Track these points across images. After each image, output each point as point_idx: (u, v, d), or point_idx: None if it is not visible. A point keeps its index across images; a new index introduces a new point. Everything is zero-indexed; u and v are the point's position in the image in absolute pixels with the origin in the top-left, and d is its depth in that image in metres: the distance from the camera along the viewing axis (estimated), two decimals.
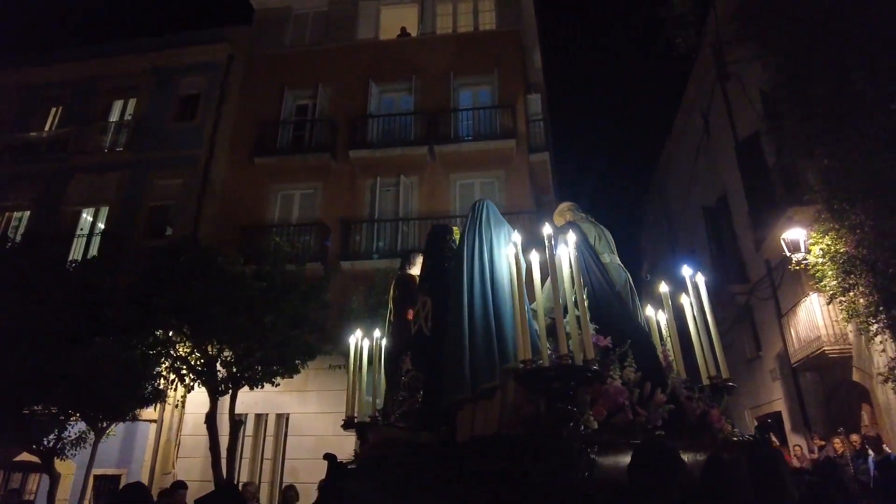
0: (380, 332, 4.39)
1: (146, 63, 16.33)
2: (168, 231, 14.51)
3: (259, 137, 15.08)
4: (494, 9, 16.49)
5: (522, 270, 2.80)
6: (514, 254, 2.84)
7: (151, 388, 10.27)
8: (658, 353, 3.50)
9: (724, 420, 3.22)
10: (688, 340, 3.61)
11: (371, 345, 4.40)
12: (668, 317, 3.80)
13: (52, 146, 15.79)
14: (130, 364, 9.54)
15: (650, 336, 3.80)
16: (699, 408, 3.16)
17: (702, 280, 3.54)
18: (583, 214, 4.17)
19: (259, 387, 10.01)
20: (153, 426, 12.29)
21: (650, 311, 4.14)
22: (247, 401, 10.89)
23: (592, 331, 2.92)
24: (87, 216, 15.27)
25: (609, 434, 2.61)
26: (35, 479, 12.15)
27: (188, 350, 9.81)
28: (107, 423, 10.39)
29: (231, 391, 9.89)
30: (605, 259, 3.86)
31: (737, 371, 11.09)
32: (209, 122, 15.44)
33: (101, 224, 14.94)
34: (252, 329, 9.40)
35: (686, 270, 3.61)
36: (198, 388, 9.96)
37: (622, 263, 4.04)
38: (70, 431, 10.24)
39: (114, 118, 16.48)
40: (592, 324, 2.95)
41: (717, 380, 3.39)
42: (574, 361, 2.48)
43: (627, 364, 3.05)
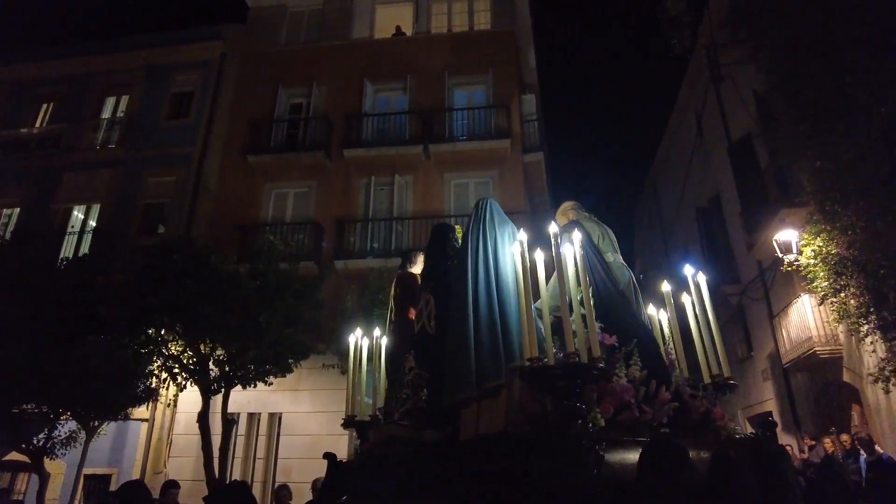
0: (379, 331, 4.38)
1: (140, 60, 16.21)
2: (161, 229, 14.42)
3: (253, 135, 15.01)
4: (489, 9, 16.52)
5: (528, 268, 2.80)
6: (521, 252, 2.84)
7: (143, 387, 10.23)
8: (661, 352, 3.51)
9: (727, 418, 3.25)
10: (687, 339, 3.63)
11: (371, 343, 4.38)
12: (671, 315, 3.81)
13: (44, 142, 15.66)
14: (122, 363, 9.48)
15: (654, 334, 3.81)
16: (702, 406, 3.18)
17: (703, 279, 3.56)
18: (586, 213, 4.17)
19: (252, 386, 9.98)
20: (145, 425, 12.21)
21: (651, 310, 4.15)
22: (239, 400, 10.84)
23: (598, 329, 2.93)
24: (79, 213, 15.14)
25: (616, 432, 2.62)
26: (24, 479, 12.06)
27: (181, 349, 9.76)
28: (98, 422, 10.33)
29: (224, 390, 9.84)
30: (609, 258, 3.87)
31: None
32: (203, 120, 15.34)
33: (93, 221, 14.83)
34: (245, 328, 9.36)
35: (688, 269, 3.62)
36: (190, 387, 9.92)
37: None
38: (60, 430, 10.17)
39: (106, 115, 16.35)
40: (597, 322, 2.95)
41: (719, 378, 3.41)
42: (580, 360, 2.49)
43: (633, 362, 3.07)
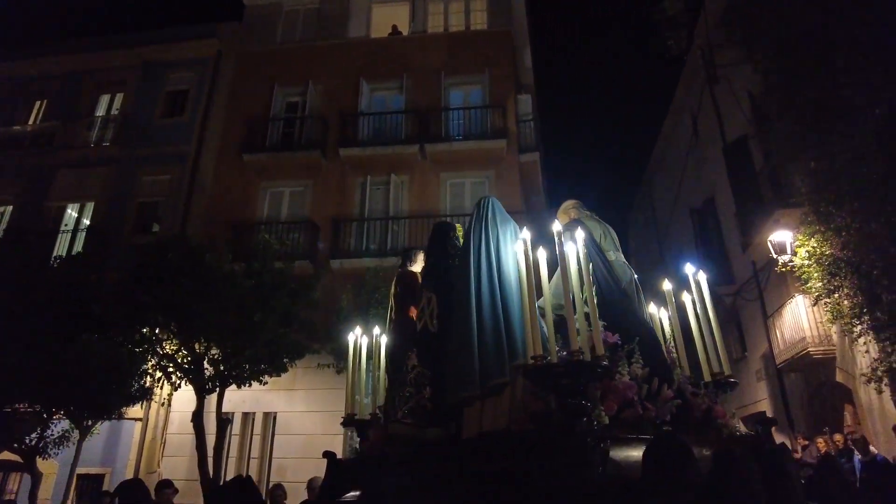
0: (378, 329, 4.38)
1: (134, 58, 16.13)
2: (155, 228, 14.35)
3: (248, 134, 14.96)
4: (485, 8, 16.51)
5: (532, 266, 2.81)
6: (524, 250, 2.84)
7: (138, 386, 10.17)
8: (663, 350, 3.53)
9: (728, 416, 3.26)
10: (686, 337, 3.65)
11: (370, 342, 4.38)
12: (672, 314, 3.82)
13: (37, 140, 15.57)
14: (117, 361, 9.43)
15: (656, 333, 3.83)
16: (704, 403, 3.20)
17: (703, 277, 3.57)
18: (587, 212, 4.17)
19: (247, 385, 9.95)
20: (138, 424, 12.16)
21: (652, 309, 4.17)
22: (234, 399, 10.80)
23: (601, 327, 2.94)
24: (73, 212, 15.05)
25: (620, 429, 2.63)
26: (16, 479, 11.97)
27: (175, 348, 9.72)
28: (92, 422, 10.26)
29: (218, 389, 9.80)
30: (611, 257, 3.88)
31: None
32: (198, 119, 15.29)
33: (87, 220, 14.75)
34: (241, 327, 9.32)
35: (689, 268, 3.64)
36: (184, 387, 9.87)
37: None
38: (53, 430, 10.10)
39: (100, 113, 16.27)
40: (600, 321, 2.96)
41: (720, 376, 3.43)
42: (584, 357, 2.49)
43: (634, 360, 3.08)
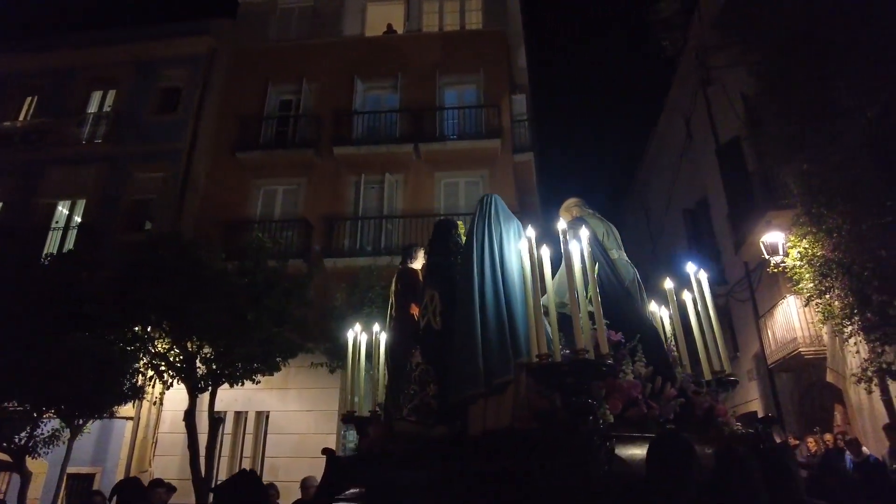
0: (378, 327, 4.38)
1: (127, 54, 15.99)
2: (148, 226, 14.26)
3: (242, 132, 14.90)
4: (480, 8, 16.52)
5: (536, 264, 2.81)
6: (529, 248, 2.84)
7: (129, 385, 10.09)
8: (665, 349, 3.55)
9: (730, 414, 3.28)
10: (685, 335, 3.67)
11: (369, 339, 4.38)
12: (674, 313, 3.83)
13: (28, 136, 15.40)
14: (108, 360, 9.36)
15: (658, 331, 3.84)
16: (706, 402, 3.21)
17: (704, 276, 3.58)
18: (590, 210, 4.16)
19: (239, 384, 9.90)
20: (129, 423, 12.07)
21: (653, 307, 4.18)
22: (226, 398, 10.75)
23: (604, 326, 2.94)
24: (63, 209, 14.92)
25: (624, 427, 2.64)
26: (5, 478, 11.85)
27: (167, 346, 9.66)
28: (83, 421, 10.18)
29: (211, 388, 9.76)
30: (614, 255, 3.87)
31: None
32: (191, 116, 15.18)
33: (78, 217, 14.62)
34: (233, 326, 9.27)
35: (690, 267, 3.65)
36: (176, 385, 9.82)
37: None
38: (43, 429, 10.01)
39: (92, 109, 16.12)
40: (604, 319, 2.97)
41: (721, 374, 3.44)
42: (588, 356, 2.50)
43: (638, 359, 3.09)
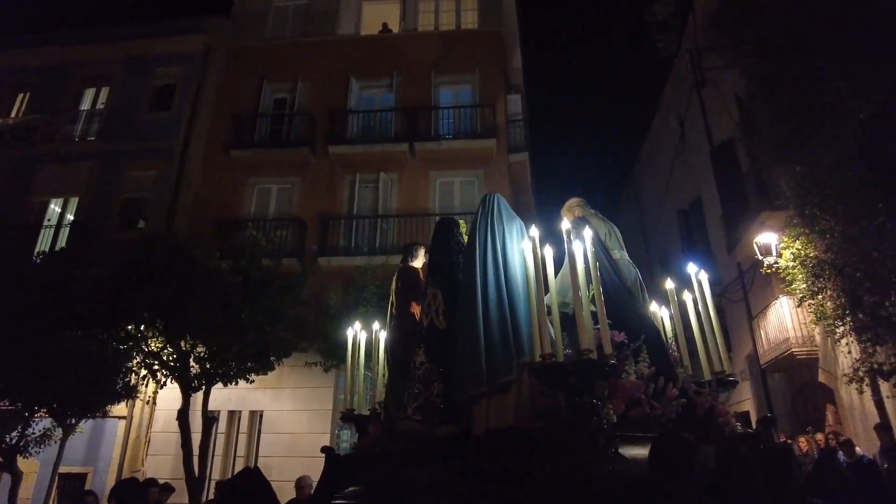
0: (378, 325, 4.39)
1: (121, 51, 15.89)
2: (141, 224, 14.19)
3: (236, 130, 14.83)
4: (476, 8, 16.51)
5: (540, 264, 2.81)
6: (532, 248, 2.85)
7: (122, 384, 10.04)
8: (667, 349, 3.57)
9: (730, 414, 3.29)
10: (687, 336, 3.68)
11: (369, 337, 4.39)
12: (675, 313, 3.86)
13: (19, 133, 15.28)
14: (101, 359, 9.30)
15: (660, 332, 3.85)
16: (707, 402, 3.23)
17: (705, 277, 3.60)
18: (592, 210, 4.17)
19: (233, 383, 9.87)
20: (122, 423, 12.00)
21: (654, 307, 4.19)
22: (220, 397, 10.71)
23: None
24: (55, 207, 14.81)
25: (627, 428, 2.66)
26: None
27: (161, 345, 9.62)
28: (75, 420, 10.12)
29: (204, 387, 9.71)
30: (616, 255, 3.89)
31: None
32: (185, 114, 15.11)
33: (71, 215, 14.52)
34: (227, 325, 9.25)
35: (691, 267, 3.67)
36: (170, 385, 9.78)
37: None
38: (34, 428, 9.94)
39: (85, 106, 16.02)
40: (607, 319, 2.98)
41: (721, 374, 3.46)
42: (592, 356, 2.51)
43: (640, 359, 3.10)
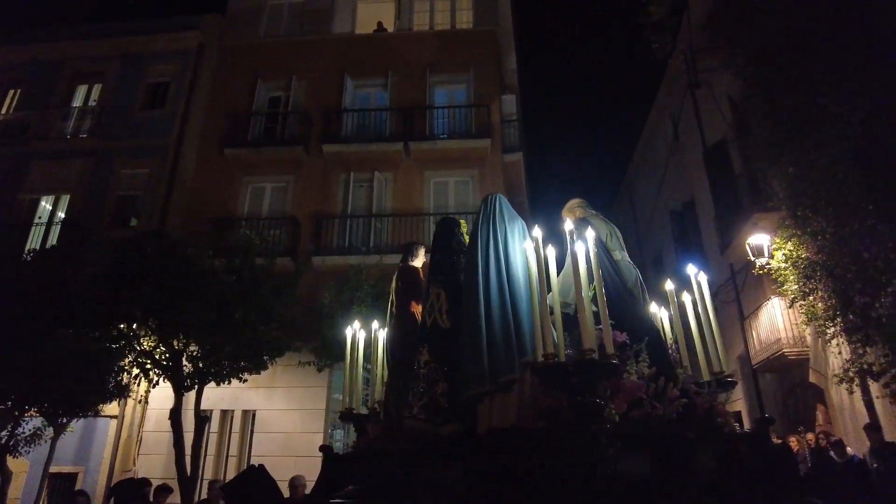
0: (377, 324, 4.40)
1: (113, 48, 15.77)
2: (133, 222, 14.10)
3: (230, 128, 14.77)
4: (471, 8, 16.52)
5: (542, 264, 2.82)
6: (535, 248, 2.86)
7: (114, 383, 9.97)
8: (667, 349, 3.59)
9: (729, 414, 3.32)
10: (686, 336, 3.71)
11: (367, 336, 4.39)
12: (675, 314, 3.88)
13: (10, 130, 15.14)
14: (93, 358, 9.24)
15: (660, 332, 3.87)
16: (707, 402, 3.25)
17: (705, 278, 3.62)
18: (593, 211, 4.19)
19: (226, 382, 9.84)
20: (113, 422, 11.93)
21: (653, 308, 4.21)
22: (212, 397, 10.66)
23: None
24: (47, 204, 14.69)
25: (629, 428, 2.67)
26: None
27: (153, 344, 9.56)
28: (66, 419, 10.04)
29: (197, 387, 9.67)
30: (617, 256, 3.90)
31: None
32: (179, 112, 15.02)
33: (62, 213, 14.41)
34: (220, 324, 9.21)
35: (691, 269, 3.69)
36: (162, 384, 9.72)
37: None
38: (24, 427, 9.86)
39: (77, 103, 15.89)
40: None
41: (720, 375, 3.49)
42: (594, 356, 2.51)
43: (641, 359, 3.12)
